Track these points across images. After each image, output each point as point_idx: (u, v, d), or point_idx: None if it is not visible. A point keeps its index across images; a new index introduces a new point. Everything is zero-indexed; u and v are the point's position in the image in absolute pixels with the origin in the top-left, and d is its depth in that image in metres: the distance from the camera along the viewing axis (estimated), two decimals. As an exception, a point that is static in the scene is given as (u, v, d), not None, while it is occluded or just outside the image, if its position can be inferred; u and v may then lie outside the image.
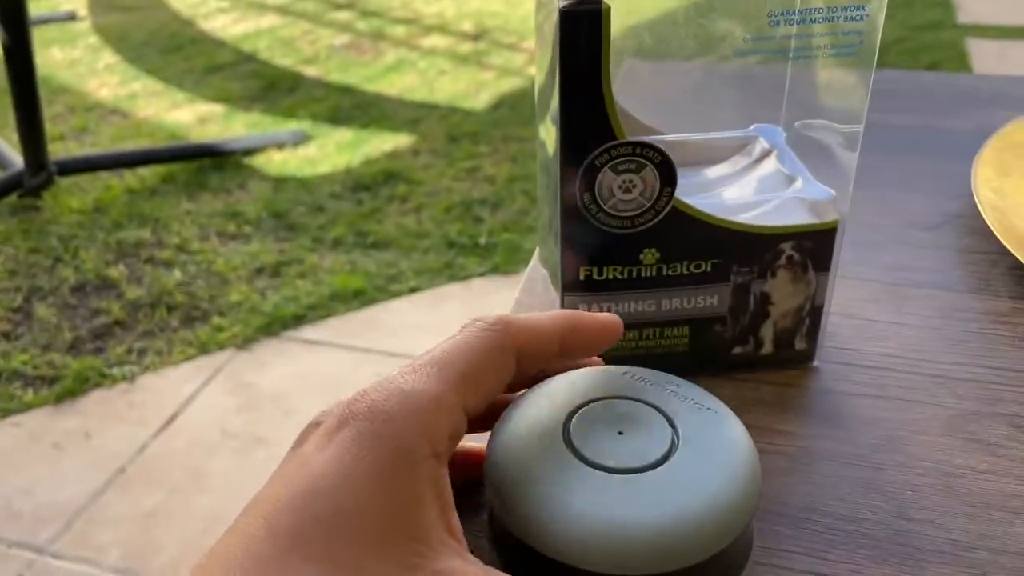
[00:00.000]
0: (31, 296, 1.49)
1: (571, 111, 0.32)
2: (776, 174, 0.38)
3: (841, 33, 0.31)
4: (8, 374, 1.31)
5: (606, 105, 0.32)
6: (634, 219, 0.34)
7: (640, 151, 0.32)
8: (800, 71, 0.37)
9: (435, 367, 0.23)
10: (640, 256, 0.35)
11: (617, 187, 0.33)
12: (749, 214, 0.36)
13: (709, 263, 0.35)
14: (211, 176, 1.83)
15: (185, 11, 2.85)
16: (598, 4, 0.30)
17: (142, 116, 2.15)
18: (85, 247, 1.60)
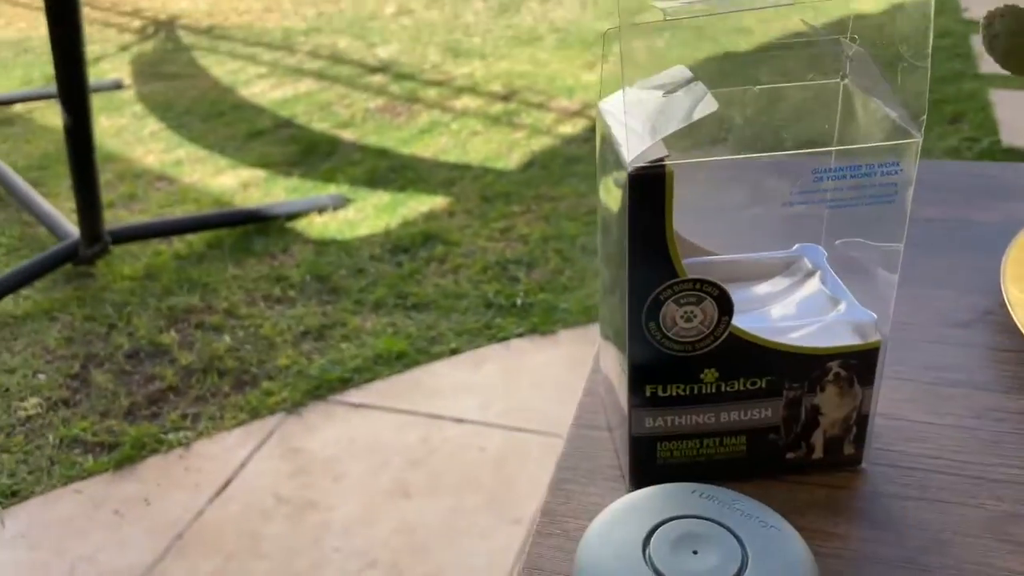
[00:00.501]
0: (88, 363, 1.55)
1: (638, 255, 0.36)
2: (820, 295, 0.42)
3: (878, 185, 0.35)
4: (69, 440, 1.36)
5: (669, 249, 0.36)
6: (695, 344, 0.38)
7: (700, 287, 0.37)
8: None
9: None
10: (701, 375, 0.39)
11: (679, 317, 0.37)
12: (797, 334, 0.40)
13: (764, 380, 0.39)
14: (256, 240, 1.90)
15: (225, 78, 2.96)
16: (662, 168, 0.34)
17: (188, 182, 2.23)
18: (138, 313, 1.67)
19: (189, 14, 3.81)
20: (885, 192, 0.36)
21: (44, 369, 1.54)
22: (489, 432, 1.36)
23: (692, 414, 0.39)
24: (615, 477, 0.41)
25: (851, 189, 0.36)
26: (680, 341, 0.38)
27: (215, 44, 3.36)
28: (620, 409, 0.41)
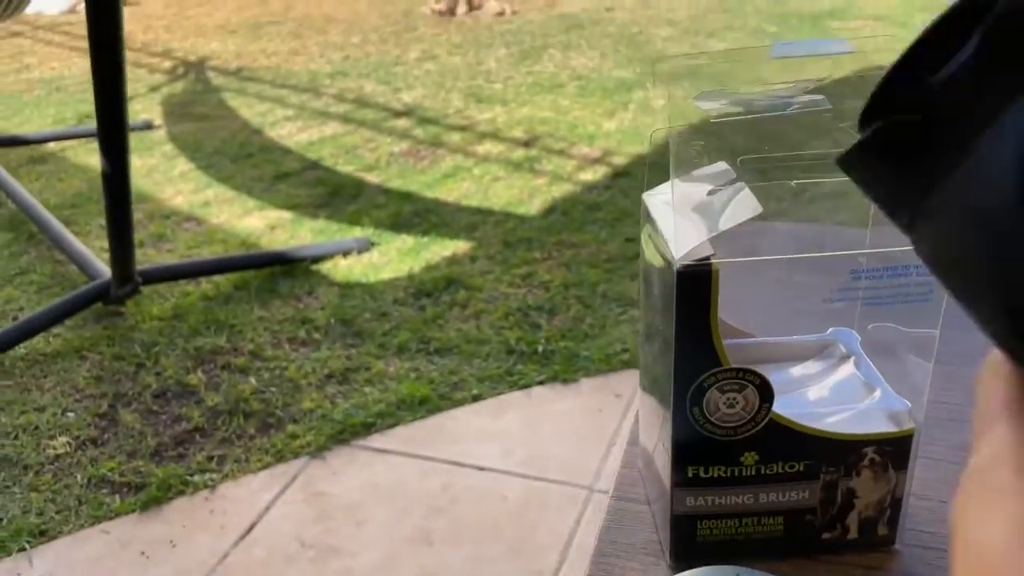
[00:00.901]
0: (116, 402, 1.57)
1: (684, 345, 0.38)
2: (855, 380, 0.43)
3: (914, 284, 0.37)
4: (97, 480, 1.38)
5: (713, 340, 0.38)
6: (736, 429, 0.39)
7: (743, 375, 0.38)
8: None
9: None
10: (741, 458, 0.40)
11: (722, 403, 0.39)
12: (833, 419, 0.41)
13: (802, 463, 0.41)
14: (281, 282, 1.93)
15: (253, 120, 3.02)
16: (708, 266, 0.36)
17: (215, 223, 2.27)
18: (166, 354, 1.69)
19: (218, 55, 3.89)
20: (921, 292, 0.37)
21: (73, 407, 1.56)
22: (510, 480, 1.37)
23: (732, 495, 0.41)
24: (655, 552, 0.43)
25: (888, 289, 0.38)
26: (722, 426, 0.39)
27: (243, 86, 3.43)
28: (661, 484, 0.43)
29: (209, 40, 4.20)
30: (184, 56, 3.89)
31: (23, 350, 1.71)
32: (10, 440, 1.48)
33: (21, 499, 1.36)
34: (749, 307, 0.43)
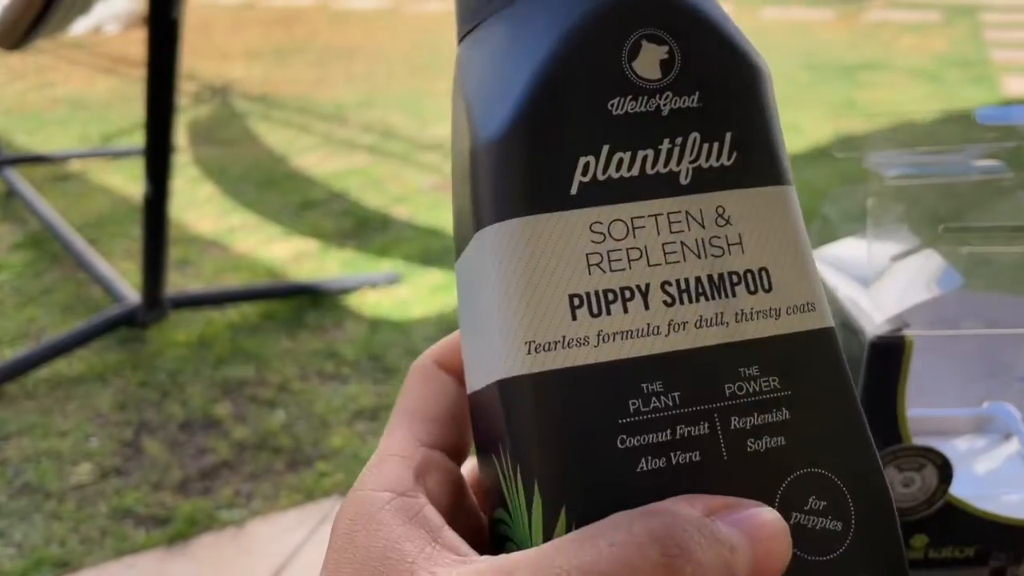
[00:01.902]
0: (141, 430, 1.54)
1: (868, 417, 0.36)
2: (1021, 462, 0.41)
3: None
4: (121, 512, 1.35)
5: (898, 415, 0.35)
6: (910, 510, 0.37)
7: (925, 453, 0.36)
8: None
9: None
10: (910, 541, 0.38)
11: (899, 482, 0.36)
12: (1004, 502, 0.39)
13: (972, 549, 0.38)
14: (309, 314, 1.91)
15: (278, 147, 3.01)
16: (902, 338, 0.34)
17: (241, 250, 2.25)
18: (192, 382, 1.66)
19: (244, 81, 3.91)
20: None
21: (97, 434, 1.53)
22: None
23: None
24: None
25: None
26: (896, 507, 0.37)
27: (268, 112, 3.43)
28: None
29: (234, 65, 4.22)
30: (209, 81, 3.91)
31: (46, 372, 1.68)
32: (32, 465, 1.45)
33: (43, 528, 1.32)
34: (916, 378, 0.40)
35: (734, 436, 0.20)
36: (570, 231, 0.20)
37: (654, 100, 0.21)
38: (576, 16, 0.21)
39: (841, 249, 0.38)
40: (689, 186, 0.21)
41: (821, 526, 0.20)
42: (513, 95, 0.21)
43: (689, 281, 0.20)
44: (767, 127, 0.22)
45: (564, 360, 0.20)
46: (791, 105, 3.23)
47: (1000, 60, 3.68)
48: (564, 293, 0.20)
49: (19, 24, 1.54)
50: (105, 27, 4.83)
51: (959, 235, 0.35)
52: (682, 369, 0.20)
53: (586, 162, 0.20)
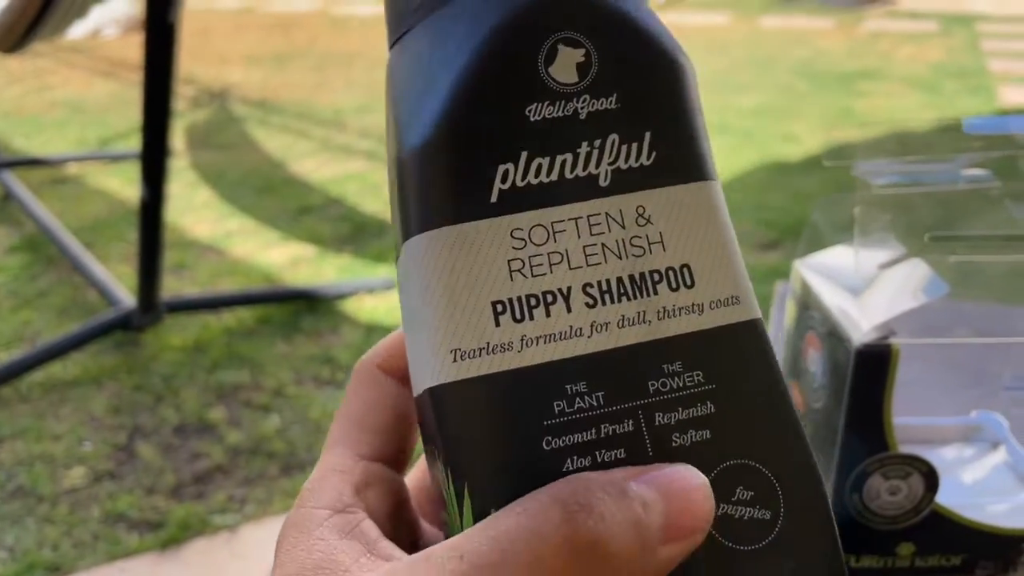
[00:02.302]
0: (135, 434, 1.54)
1: (853, 426, 0.36)
2: (1008, 470, 0.41)
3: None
4: (114, 516, 1.34)
5: (884, 424, 0.35)
6: (896, 518, 0.37)
7: (910, 462, 0.36)
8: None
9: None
10: (897, 549, 0.38)
11: (884, 490, 0.36)
12: (991, 511, 0.39)
13: (959, 557, 0.38)
14: (305, 319, 1.90)
15: (276, 152, 3.02)
16: (888, 346, 0.34)
17: (238, 254, 2.25)
18: (186, 387, 1.66)
19: (242, 85, 3.91)
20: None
21: (90, 438, 1.53)
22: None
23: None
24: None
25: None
26: (881, 514, 0.37)
27: (267, 117, 3.44)
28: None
29: (233, 70, 4.22)
30: (207, 85, 3.91)
31: (40, 375, 1.68)
32: (25, 469, 1.45)
33: (35, 531, 1.32)
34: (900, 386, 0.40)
35: (659, 432, 0.20)
36: (491, 239, 0.21)
37: (571, 104, 0.21)
38: (493, 23, 0.21)
39: (830, 257, 0.38)
40: (609, 188, 0.21)
41: (749, 516, 0.20)
42: (434, 105, 0.21)
43: (611, 282, 0.21)
44: (688, 124, 0.22)
45: (489, 366, 0.20)
46: (788, 114, 3.24)
47: (997, 70, 3.69)
48: (487, 300, 0.20)
49: (16, 27, 1.54)
50: (104, 31, 4.83)
51: (946, 244, 0.35)
52: (605, 369, 0.20)
53: (505, 169, 0.21)
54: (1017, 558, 0.38)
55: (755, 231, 2.27)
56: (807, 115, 3.20)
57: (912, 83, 3.58)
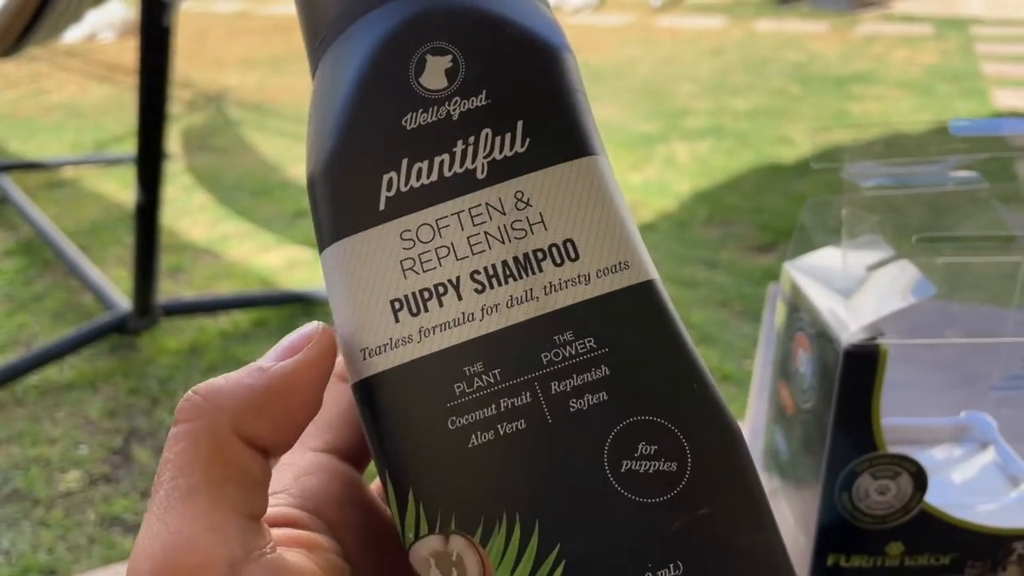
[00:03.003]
0: (130, 438, 1.53)
1: (842, 427, 0.36)
2: (997, 469, 0.41)
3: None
4: (109, 519, 1.34)
5: (873, 424, 0.36)
6: (885, 517, 0.37)
7: (899, 461, 0.36)
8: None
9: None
10: (886, 548, 0.38)
11: (873, 490, 0.37)
12: (981, 511, 0.39)
13: (948, 557, 0.38)
14: (301, 322, 1.86)
15: (273, 155, 3.02)
16: (876, 347, 0.34)
17: (234, 258, 2.25)
18: (182, 390, 1.66)
19: (238, 89, 3.91)
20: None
21: (86, 441, 1.53)
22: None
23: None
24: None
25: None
26: (871, 514, 0.37)
27: (263, 121, 3.44)
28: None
29: (229, 73, 4.22)
30: (204, 88, 3.91)
31: (36, 379, 1.68)
32: (21, 472, 1.45)
33: (31, 535, 1.32)
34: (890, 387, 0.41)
35: (555, 399, 0.21)
36: (383, 243, 0.22)
37: (444, 108, 0.22)
38: (369, 45, 0.23)
39: (819, 259, 0.38)
40: (486, 179, 0.22)
41: (655, 468, 0.21)
42: (327, 128, 0.23)
43: (496, 266, 0.22)
44: (562, 105, 0.23)
45: (393, 360, 0.22)
46: (783, 117, 3.25)
47: (991, 73, 3.70)
48: (386, 300, 0.22)
49: (11, 30, 1.54)
50: (100, 35, 4.83)
51: (934, 245, 0.36)
52: (499, 348, 0.21)
53: (389, 178, 0.22)
54: (1006, 558, 0.38)
55: (750, 234, 2.28)
56: (802, 119, 3.20)
57: (906, 86, 3.60)
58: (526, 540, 0.21)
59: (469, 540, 0.21)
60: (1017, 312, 0.39)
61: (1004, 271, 0.38)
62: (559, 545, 0.20)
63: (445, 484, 0.21)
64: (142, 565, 0.19)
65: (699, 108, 3.40)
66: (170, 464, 0.20)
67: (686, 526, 0.20)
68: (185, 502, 0.19)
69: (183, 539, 0.19)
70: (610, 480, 0.21)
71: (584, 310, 0.21)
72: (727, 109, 3.39)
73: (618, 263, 0.22)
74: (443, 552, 0.21)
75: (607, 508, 0.20)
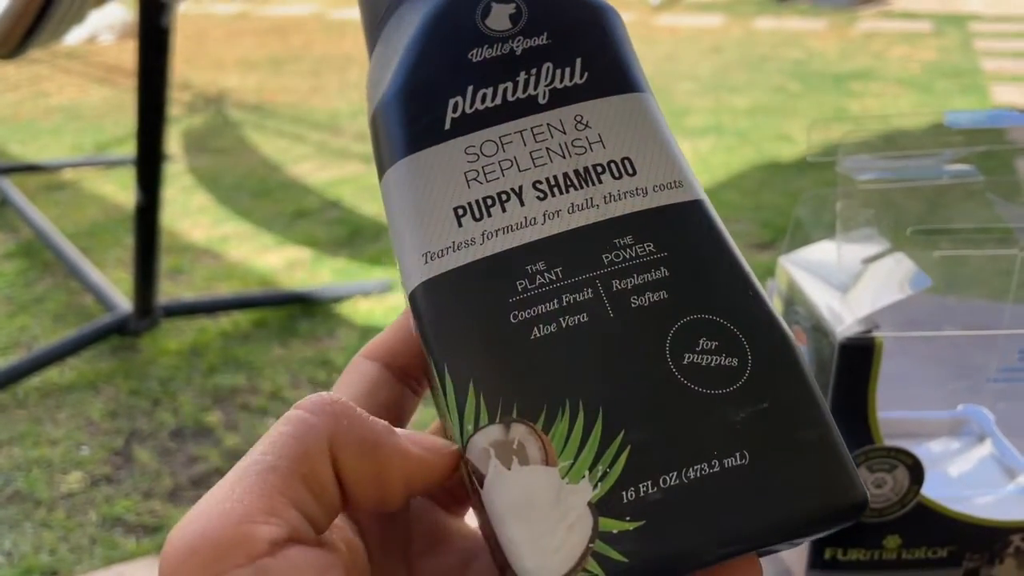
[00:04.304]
0: (131, 438, 1.54)
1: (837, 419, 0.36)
2: (994, 462, 0.41)
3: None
4: (111, 520, 1.34)
5: (869, 417, 0.36)
6: (882, 510, 0.37)
7: (895, 454, 0.36)
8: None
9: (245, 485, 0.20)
10: (883, 541, 0.38)
11: (870, 483, 0.37)
12: (978, 504, 0.39)
13: (945, 549, 0.38)
14: (301, 322, 1.91)
15: (273, 156, 3.02)
16: (871, 340, 0.34)
17: (234, 258, 2.25)
18: (183, 390, 1.66)
19: (238, 90, 3.91)
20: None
21: (87, 442, 1.53)
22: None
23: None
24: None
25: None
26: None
27: (263, 121, 3.44)
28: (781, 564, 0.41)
29: (229, 75, 4.22)
30: (203, 90, 3.91)
31: (37, 381, 1.68)
32: (23, 474, 1.45)
33: (32, 536, 1.32)
34: (887, 380, 0.41)
35: (617, 296, 0.22)
36: (448, 157, 0.23)
37: (508, 44, 0.24)
38: (437, 2, 0.25)
39: (814, 253, 0.38)
40: (547, 104, 0.24)
41: (716, 363, 0.21)
42: (394, 66, 0.25)
43: (558, 177, 0.23)
44: (615, 50, 0.25)
45: (456, 261, 0.23)
46: (782, 114, 3.25)
47: (990, 70, 3.70)
48: (449, 207, 0.23)
49: (13, 33, 1.54)
50: (100, 37, 4.83)
51: (929, 238, 0.36)
52: (561, 249, 0.22)
53: (455, 102, 0.24)
54: (1004, 550, 0.38)
55: (750, 231, 2.28)
56: (801, 116, 3.20)
57: (905, 83, 3.59)
58: (590, 427, 0.21)
59: (531, 427, 0.21)
60: (1013, 305, 0.39)
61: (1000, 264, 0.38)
62: (623, 432, 0.21)
63: (507, 374, 0.21)
64: (193, 525, 0.19)
65: (699, 106, 3.40)
66: (268, 441, 0.21)
67: (749, 418, 0.21)
68: (261, 476, 0.20)
69: (242, 507, 0.19)
70: (673, 372, 0.21)
71: (642, 218, 0.23)
72: (727, 107, 3.39)
73: (673, 181, 0.23)
74: (504, 441, 0.21)
75: (671, 397, 0.21)
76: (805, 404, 0.21)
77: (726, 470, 0.20)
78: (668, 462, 0.20)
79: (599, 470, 0.20)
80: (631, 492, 0.20)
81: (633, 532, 0.20)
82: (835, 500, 0.20)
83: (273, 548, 0.19)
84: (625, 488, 0.20)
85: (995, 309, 0.39)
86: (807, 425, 0.21)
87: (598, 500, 0.20)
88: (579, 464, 0.20)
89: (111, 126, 3.39)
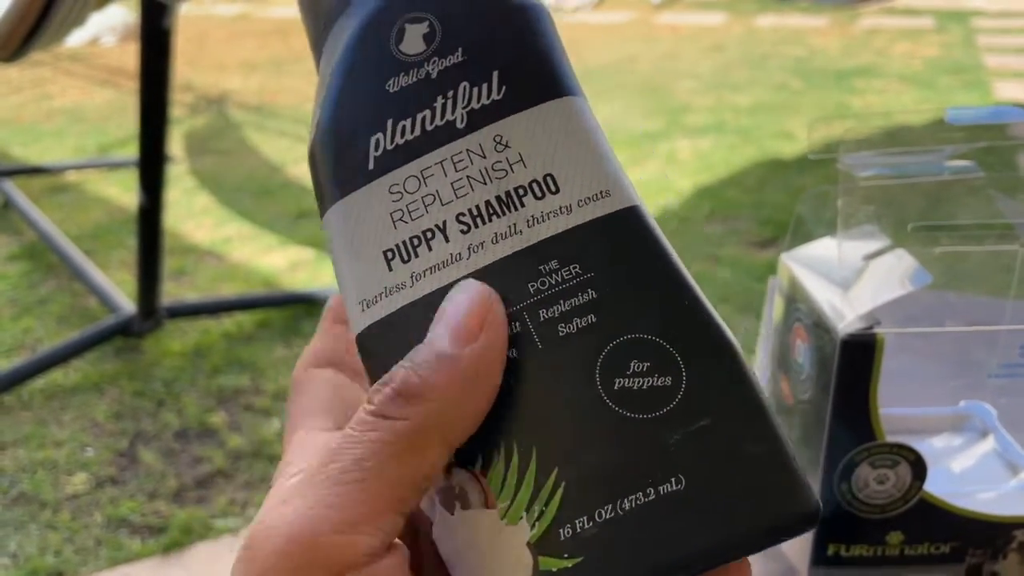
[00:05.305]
0: (136, 440, 1.54)
1: (840, 416, 0.36)
2: (996, 458, 0.41)
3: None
4: (116, 521, 1.35)
5: (871, 414, 0.36)
6: (884, 507, 0.37)
7: (897, 450, 0.36)
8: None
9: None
10: (886, 537, 0.38)
11: (873, 479, 0.37)
12: (981, 499, 0.39)
13: (948, 545, 0.38)
14: (304, 323, 1.91)
15: (274, 157, 3.02)
16: (873, 336, 0.34)
17: (237, 259, 2.26)
18: (187, 392, 1.66)
19: (239, 91, 3.92)
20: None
21: (92, 444, 1.53)
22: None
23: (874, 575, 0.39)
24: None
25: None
26: (870, 503, 0.37)
27: (265, 122, 3.44)
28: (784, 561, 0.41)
29: (231, 76, 4.23)
30: (205, 91, 3.92)
31: (41, 382, 1.69)
32: (28, 475, 1.45)
33: (38, 537, 1.32)
34: (889, 377, 0.41)
35: (544, 326, 0.22)
36: (374, 199, 0.23)
37: (423, 68, 0.24)
38: (356, 24, 0.25)
39: (816, 250, 0.38)
40: (465, 128, 0.23)
41: (648, 384, 0.21)
42: (322, 95, 0.25)
43: (480, 207, 0.23)
44: (536, 53, 0.24)
45: (389, 307, 0.23)
46: (784, 112, 3.24)
47: (993, 65, 3.69)
48: (379, 251, 0.23)
49: (14, 36, 1.54)
50: (102, 39, 4.84)
51: (930, 235, 0.36)
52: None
53: (376, 139, 0.24)
54: (1007, 546, 0.39)
55: (752, 229, 2.27)
56: (804, 113, 3.20)
57: (908, 80, 3.59)
58: (524, 466, 0.21)
59: (471, 472, 0.21)
60: (1014, 301, 0.39)
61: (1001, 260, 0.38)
62: (556, 468, 0.21)
63: None
64: (280, 530, 0.19)
65: (700, 104, 3.40)
66: (362, 445, 0.20)
67: (685, 439, 0.20)
68: (361, 485, 0.19)
69: (338, 515, 0.19)
70: (603, 399, 0.21)
71: (567, 239, 0.22)
72: (728, 105, 3.38)
73: (599, 192, 0.22)
74: (447, 487, 0.21)
75: (603, 427, 0.21)
76: (748, 416, 0.21)
77: (661, 497, 0.20)
78: (602, 495, 0.20)
79: (535, 509, 0.20)
80: (567, 529, 0.20)
81: (572, 569, 0.20)
82: (782, 513, 0.20)
83: (370, 558, 0.19)
84: (562, 526, 0.20)
85: (996, 305, 0.39)
86: (750, 438, 0.20)
87: (536, 540, 0.20)
88: (516, 505, 0.20)
89: (114, 128, 3.39)
